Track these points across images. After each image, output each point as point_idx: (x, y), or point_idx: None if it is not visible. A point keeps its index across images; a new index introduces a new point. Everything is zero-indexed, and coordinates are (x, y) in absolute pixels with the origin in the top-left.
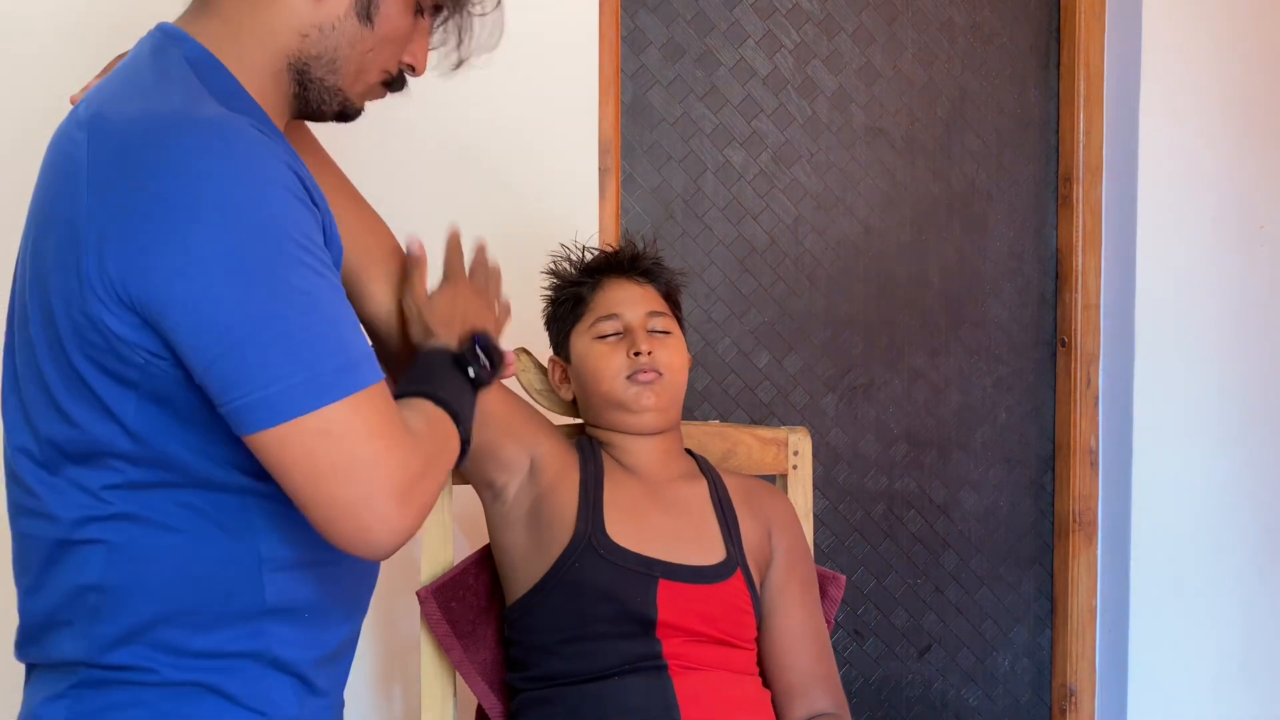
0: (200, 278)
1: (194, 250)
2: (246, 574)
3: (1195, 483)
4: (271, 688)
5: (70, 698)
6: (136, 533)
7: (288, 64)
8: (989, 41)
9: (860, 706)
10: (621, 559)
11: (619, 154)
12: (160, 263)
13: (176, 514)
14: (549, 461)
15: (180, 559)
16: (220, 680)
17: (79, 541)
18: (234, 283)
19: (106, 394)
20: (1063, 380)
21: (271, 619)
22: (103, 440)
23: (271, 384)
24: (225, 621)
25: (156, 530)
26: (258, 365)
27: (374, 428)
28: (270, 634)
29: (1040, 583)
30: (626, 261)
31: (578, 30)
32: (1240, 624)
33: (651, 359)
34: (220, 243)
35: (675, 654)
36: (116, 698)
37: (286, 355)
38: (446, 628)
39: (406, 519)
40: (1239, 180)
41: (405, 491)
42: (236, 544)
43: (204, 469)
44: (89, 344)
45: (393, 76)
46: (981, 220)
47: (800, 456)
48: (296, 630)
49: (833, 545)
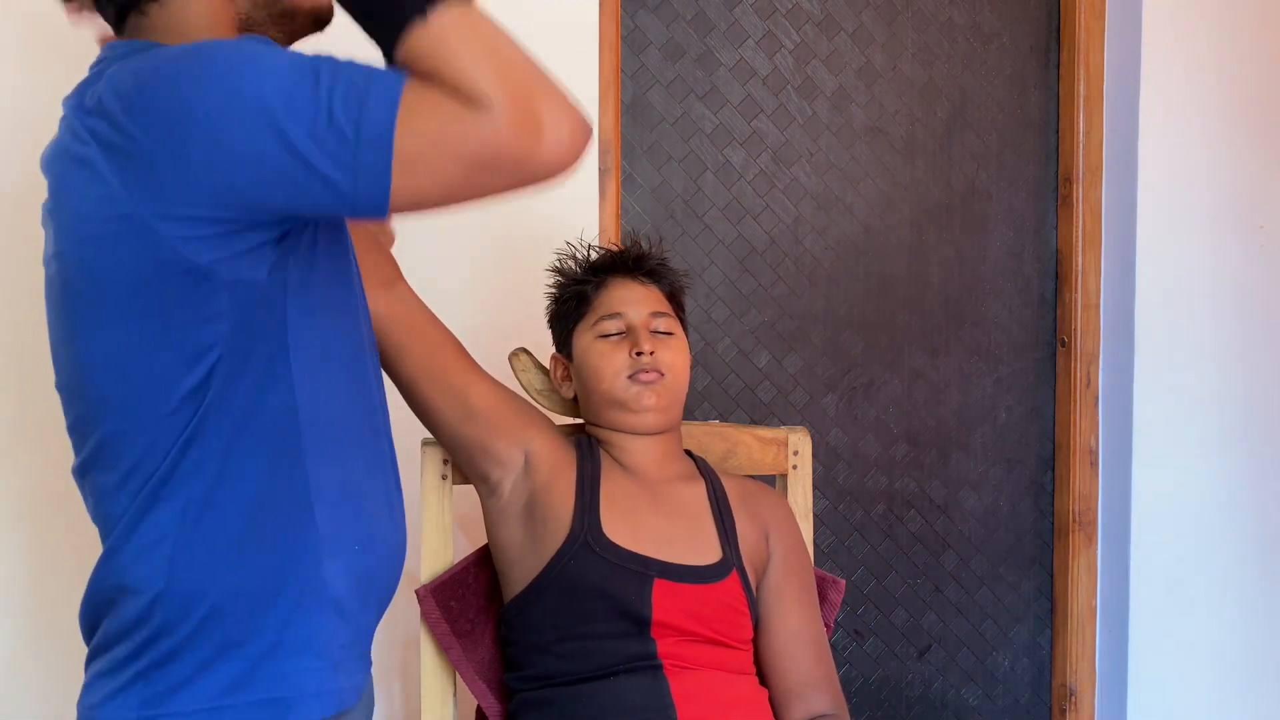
0: (238, 119)
1: (219, 96)
2: (301, 510)
3: (1195, 483)
4: (322, 628)
5: (139, 685)
6: (201, 490)
7: (239, 28)
8: (989, 41)
9: (860, 706)
10: (617, 557)
11: (619, 154)
12: (214, 152)
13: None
14: (543, 457)
15: (242, 515)
16: (289, 631)
17: (153, 504)
18: (265, 72)
19: (199, 334)
20: (1063, 380)
21: (328, 555)
22: (187, 388)
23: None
24: (289, 568)
25: (221, 488)
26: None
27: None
28: (328, 573)
29: (1040, 583)
30: (631, 261)
31: (578, 30)
32: (1240, 624)
33: (654, 359)
34: (230, 87)
35: (670, 653)
36: (180, 673)
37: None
38: (445, 626)
39: (576, 116)
40: (1239, 180)
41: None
42: (291, 478)
43: (270, 414)
44: (172, 295)
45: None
46: (981, 220)
47: (800, 456)
48: (346, 567)
49: (833, 545)
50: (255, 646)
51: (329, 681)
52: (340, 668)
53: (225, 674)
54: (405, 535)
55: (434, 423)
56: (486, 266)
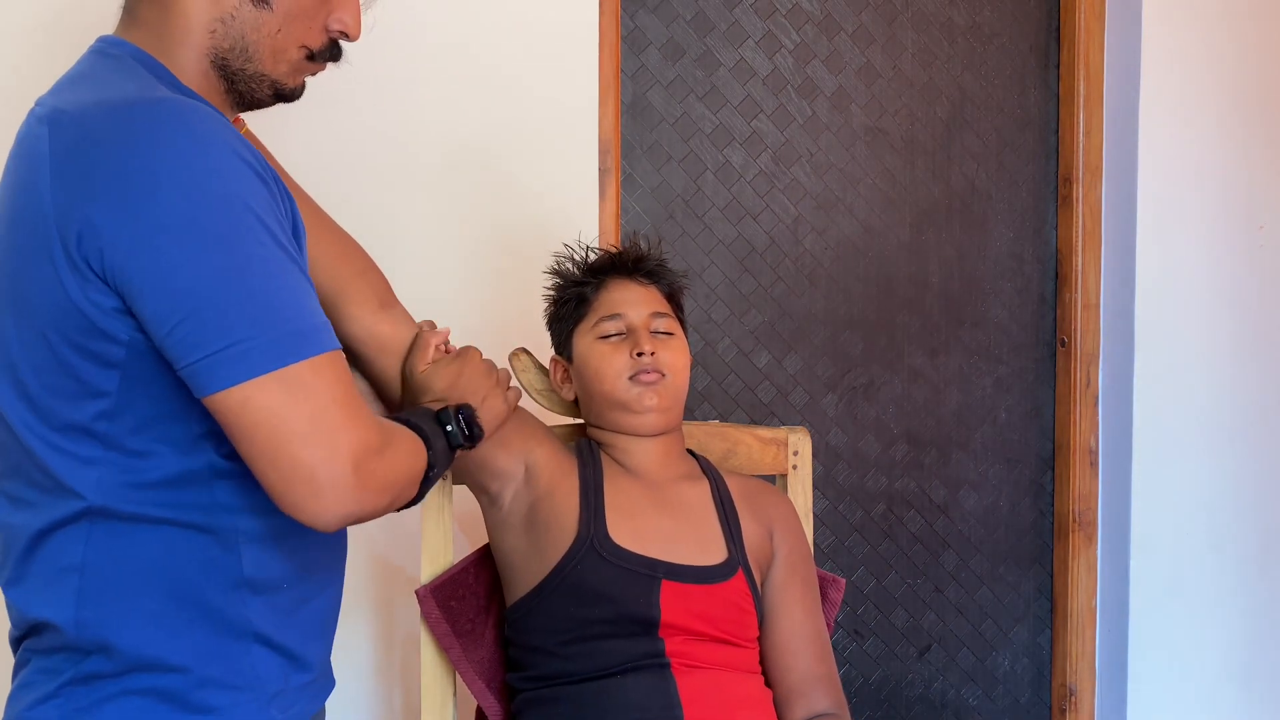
0: (162, 245)
1: (155, 219)
2: (223, 551)
3: (1195, 483)
4: (258, 664)
5: (62, 697)
6: (112, 517)
7: (210, 61)
8: (989, 41)
9: (860, 706)
10: (624, 560)
11: (619, 154)
12: (123, 232)
13: (149, 496)
14: (544, 467)
15: (156, 542)
16: (203, 662)
17: (58, 528)
18: (195, 248)
19: (91, 376)
20: (1062, 380)
21: (252, 592)
22: (80, 423)
23: (235, 343)
24: (205, 601)
25: (130, 515)
26: (220, 326)
27: (336, 394)
28: (251, 610)
29: (1040, 583)
30: (631, 262)
31: (578, 30)
32: (1240, 624)
33: (654, 360)
34: (180, 210)
35: (677, 652)
36: (105, 690)
37: (249, 316)
38: (445, 626)
39: (360, 491)
40: (1239, 180)
41: (362, 462)
42: (210, 521)
43: (176, 449)
44: (71, 328)
45: (318, 49)
46: (981, 220)
47: (800, 456)
48: (278, 603)
49: (833, 545)
50: (175, 677)
51: (260, 714)
52: (276, 700)
53: (149, 702)
54: (345, 558)
55: None
56: (487, 267)
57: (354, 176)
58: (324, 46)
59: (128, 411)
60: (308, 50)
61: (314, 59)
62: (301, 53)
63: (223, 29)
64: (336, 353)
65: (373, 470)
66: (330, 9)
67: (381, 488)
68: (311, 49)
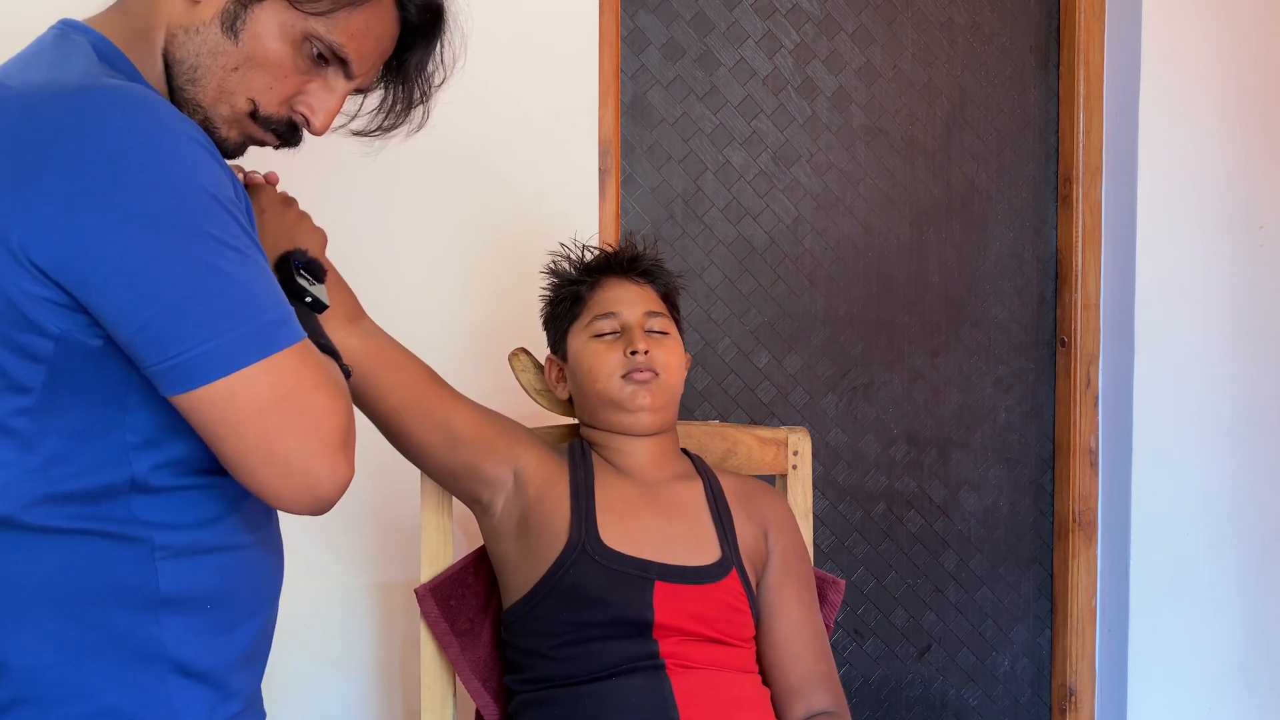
0: (132, 237)
1: (122, 209)
2: (137, 566)
3: (1195, 483)
4: (174, 695)
5: None
6: (14, 528)
7: (163, 65)
8: (989, 41)
9: (860, 706)
10: (616, 563)
11: (619, 154)
12: (86, 222)
13: (60, 509)
14: (533, 472)
15: (61, 555)
16: (114, 694)
17: None
18: (166, 240)
19: (13, 368)
20: (1062, 380)
21: (169, 612)
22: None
23: (215, 337)
24: (116, 621)
25: (36, 527)
26: (201, 319)
27: (318, 378)
28: (166, 632)
29: (1040, 583)
30: (626, 262)
31: (578, 30)
32: (1240, 624)
33: (648, 359)
34: (146, 200)
35: (672, 653)
36: None
37: (228, 309)
38: (444, 625)
39: (349, 467)
40: (1239, 180)
41: (345, 441)
42: (124, 532)
43: (100, 460)
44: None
45: (266, 113)
46: (981, 220)
47: (800, 456)
48: (199, 626)
49: (833, 545)
50: (72, 707)
51: None
52: None
53: None
54: (280, 582)
55: (420, 454)
56: (486, 266)
57: (353, 177)
58: (276, 116)
59: (51, 413)
60: (253, 105)
61: (257, 121)
62: (247, 105)
63: (183, 38)
64: (308, 340)
65: (351, 443)
66: (303, 86)
67: (353, 448)
68: (259, 108)
